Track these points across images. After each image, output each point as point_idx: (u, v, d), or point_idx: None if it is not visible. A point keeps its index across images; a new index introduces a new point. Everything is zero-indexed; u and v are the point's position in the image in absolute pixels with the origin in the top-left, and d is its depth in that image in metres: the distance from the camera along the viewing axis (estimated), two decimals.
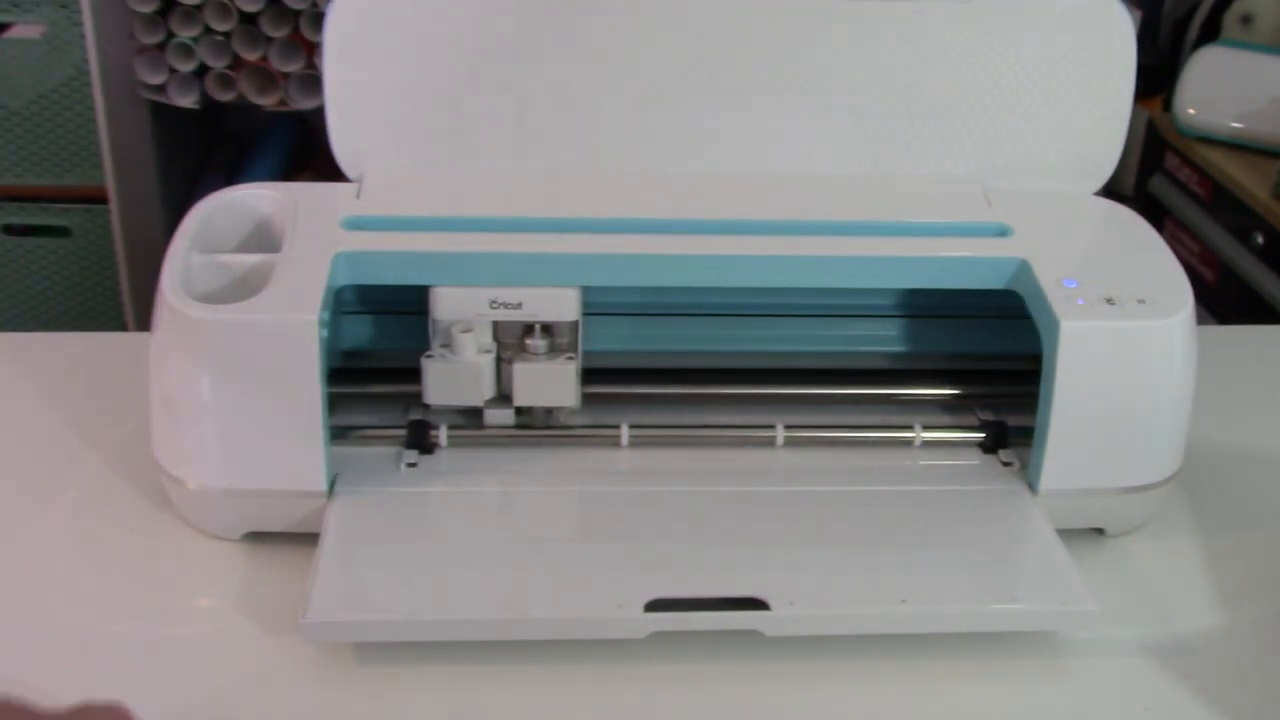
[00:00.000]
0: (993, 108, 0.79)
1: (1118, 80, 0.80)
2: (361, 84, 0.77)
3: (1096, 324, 0.69)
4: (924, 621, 0.65)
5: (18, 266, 1.76)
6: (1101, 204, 0.81)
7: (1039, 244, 0.74)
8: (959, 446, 0.77)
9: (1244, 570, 0.72)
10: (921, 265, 0.74)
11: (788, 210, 0.76)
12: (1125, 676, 0.65)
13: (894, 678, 0.64)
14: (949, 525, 0.71)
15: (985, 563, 0.68)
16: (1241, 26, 1.69)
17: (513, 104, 0.78)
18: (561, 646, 0.64)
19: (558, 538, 0.71)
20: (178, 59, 1.60)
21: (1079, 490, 0.71)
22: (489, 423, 0.75)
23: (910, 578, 0.66)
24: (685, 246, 0.73)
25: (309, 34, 1.59)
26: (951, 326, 0.81)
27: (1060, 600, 0.65)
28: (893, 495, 0.73)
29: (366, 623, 0.62)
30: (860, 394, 0.80)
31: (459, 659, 0.64)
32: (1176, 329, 0.70)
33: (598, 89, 0.78)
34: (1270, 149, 1.52)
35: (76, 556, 0.70)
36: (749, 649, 0.64)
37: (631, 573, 0.65)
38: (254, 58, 1.61)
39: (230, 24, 1.58)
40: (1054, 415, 0.69)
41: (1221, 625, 0.68)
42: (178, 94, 1.62)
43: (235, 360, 0.67)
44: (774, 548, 0.68)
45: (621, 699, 0.63)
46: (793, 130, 0.79)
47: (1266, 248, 1.46)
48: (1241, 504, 0.78)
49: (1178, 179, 1.65)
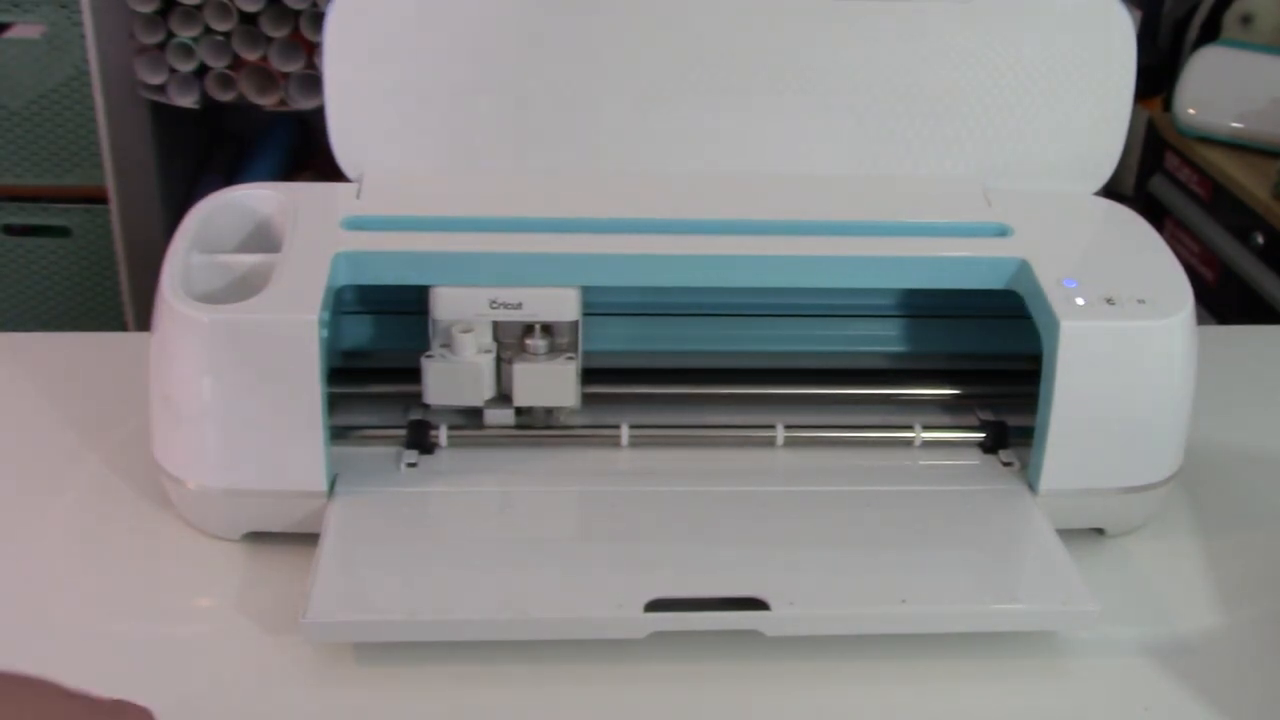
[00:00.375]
0: (993, 108, 0.79)
1: (1118, 80, 0.80)
2: (361, 84, 0.77)
3: (1096, 324, 0.69)
4: (924, 621, 0.65)
5: (18, 266, 1.76)
6: (1101, 204, 0.81)
7: (1039, 244, 0.74)
8: (959, 446, 0.77)
9: (1244, 570, 0.72)
10: (921, 265, 0.74)
11: (788, 210, 0.76)
12: (1125, 676, 0.65)
13: (894, 678, 0.64)
14: (949, 525, 0.71)
15: (985, 563, 0.68)
16: (1241, 26, 1.69)
17: (513, 104, 0.78)
18: (561, 646, 0.64)
19: (558, 538, 0.71)
20: (178, 59, 1.60)
21: (1079, 490, 0.71)
22: (489, 423, 0.75)
23: (910, 578, 0.66)
24: (685, 246, 0.73)
25: (309, 34, 1.59)
26: (951, 326, 0.81)
27: (1060, 600, 0.65)
28: (893, 495, 0.73)
29: (366, 623, 0.62)
30: (860, 394, 0.80)
31: (459, 659, 0.64)
32: (1176, 329, 0.70)
33: (598, 89, 0.78)
34: (1270, 149, 1.52)
35: (76, 556, 0.70)
36: (749, 649, 0.64)
37: (631, 573, 0.65)
38: (254, 58, 1.61)
39: (230, 24, 1.58)
40: (1054, 415, 0.69)
41: (1221, 625, 0.68)
42: (178, 94, 1.62)
43: (235, 360, 0.67)
44: (774, 548, 0.68)
45: (621, 699, 0.63)
46: (793, 130, 0.79)
47: (1266, 248, 1.46)
48: (1241, 504, 0.78)
49: (1178, 179, 1.65)
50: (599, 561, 0.67)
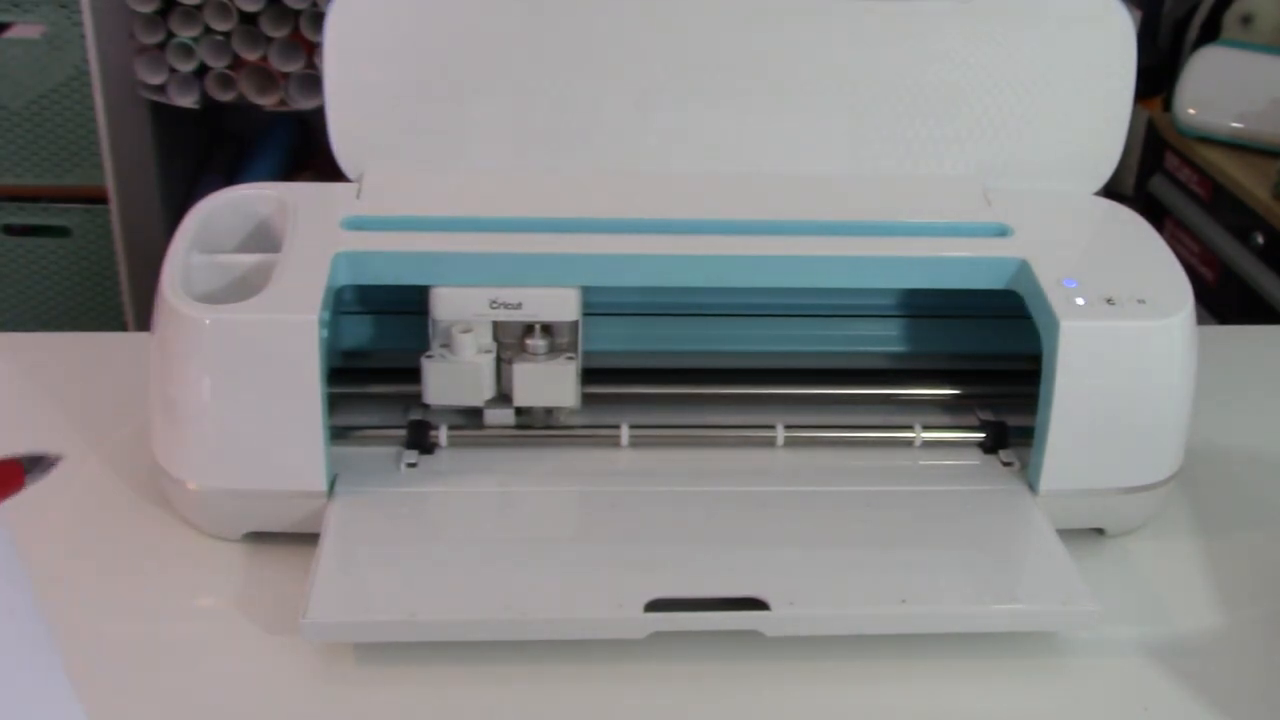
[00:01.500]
0: (993, 108, 0.79)
1: (1118, 80, 0.80)
2: (361, 84, 0.77)
3: (1096, 324, 0.69)
4: (924, 621, 0.65)
5: (18, 266, 1.76)
6: (1101, 204, 0.81)
7: (1039, 244, 0.74)
8: (959, 446, 0.77)
9: (1244, 570, 0.72)
10: (921, 265, 0.74)
11: (788, 210, 0.76)
12: (1125, 676, 0.65)
13: (894, 678, 0.64)
14: (949, 525, 0.71)
15: (985, 563, 0.68)
16: (1241, 26, 1.69)
17: (512, 104, 0.78)
18: (561, 646, 0.64)
19: (558, 538, 0.71)
20: (178, 59, 1.60)
21: (1079, 490, 0.71)
22: (489, 423, 0.75)
23: (910, 578, 0.66)
24: (685, 246, 0.73)
25: (309, 34, 1.59)
26: (951, 326, 0.82)
27: (1060, 600, 0.65)
28: (893, 495, 0.73)
29: (366, 623, 0.62)
30: (860, 394, 0.80)
31: (459, 659, 0.64)
32: (1176, 329, 0.70)
33: (598, 89, 0.78)
34: (1270, 149, 1.52)
35: (76, 556, 0.70)
36: (749, 649, 0.64)
37: (631, 573, 0.65)
38: (254, 58, 1.61)
39: (230, 24, 1.59)
40: (1054, 415, 0.69)
41: (1221, 625, 0.68)
42: (178, 94, 1.62)
43: (235, 360, 0.67)
44: (774, 548, 0.68)
45: (621, 699, 0.63)
46: (793, 130, 0.79)
47: (1266, 248, 1.46)
48: (1241, 504, 0.78)
49: (1178, 179, 1.65)
50: (599, 561, 0.67)
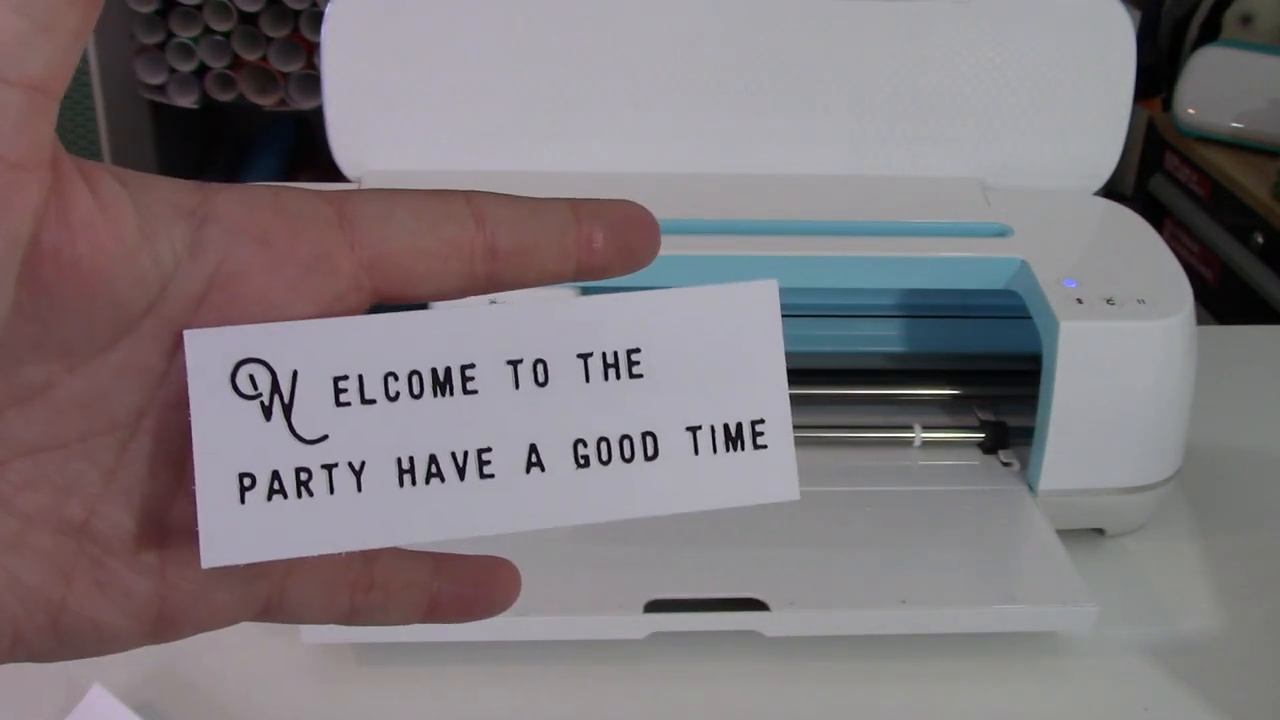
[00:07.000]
0: (993, 108, 0.79)
1: (1118, 80, 0.80)
2: (361, 84, 0.77)
3: (1096, 324, 0.69)
4: (924, 622, 0.65)
5: None
6: (1101, 204, 0.81)
7: (1039, 244, 0.74)
8: (959, 447, 0.77)
9: (1244, 570, 0.72)
10: (921, 265, 0.74)
11: (787, 210, 0.76)
12: (1125, 676, 0.65)
13: (894, 678, 0.64)
14: (949, 525, 0.71)
15: (985, 563, 0.68)
16: (1241, 26, 1.69)
17: (513, 104, 0.78)
18: (561, 646, 0.64)
19: (558, 538, 0.71)
20: (178, 59, 1.60)
21: (1079, 490, 0.71)
22: None
23: (910, 578, 0.66)
24: (685, 246, 0.73)
25: (309, 34, 1.60)
26: (951, 326, 0.81)
27: (1060, 600, 0.65)
28: (892, 495, 0.73)
29: None
30: (860, 394, 0.80)
31: (459, 659, 0.64)
32: (1176, 329, 0.70)
33: (598, 89, 0.78)
34: (1270, 149, 1.52)
35: None
36: (749, 649, 0.64)
37: (631, 573, 0.65)
38: (254, 58, 1.61)
39: (230, 24, 1.59)
40: (1053, 415, 0.69)
41: (1221, 625, 0.68)
42: (178, 94, 1.62)
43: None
44: (774, 548, 0.68)
45: (621, 699, 0.63)
46: (792, 130, 0.79)
47: (1266, 248, 1.46)
48: (1241, 504, 0.78)
49: (1178, 179, 1.65)
50: (599, 561, 0.67)
